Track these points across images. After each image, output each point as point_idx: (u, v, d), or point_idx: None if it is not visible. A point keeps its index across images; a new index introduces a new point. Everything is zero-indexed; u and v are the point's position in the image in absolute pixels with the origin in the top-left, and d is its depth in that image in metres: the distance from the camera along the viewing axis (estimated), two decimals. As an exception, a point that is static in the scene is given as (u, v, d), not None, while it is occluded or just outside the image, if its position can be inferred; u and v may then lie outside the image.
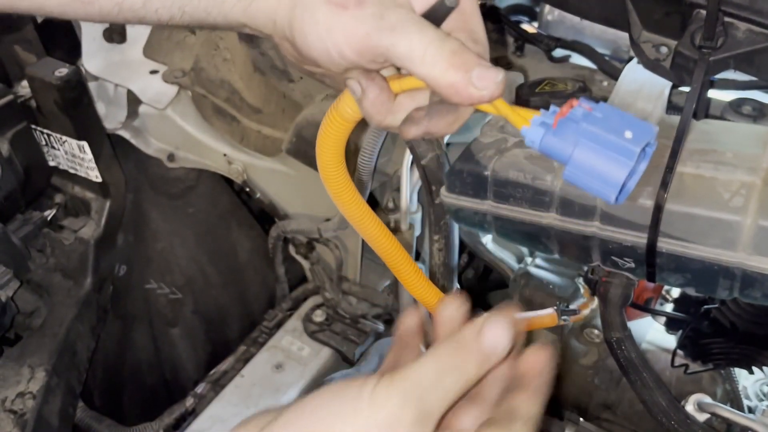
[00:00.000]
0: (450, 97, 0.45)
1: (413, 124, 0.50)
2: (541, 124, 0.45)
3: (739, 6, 0.74)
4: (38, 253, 1.17)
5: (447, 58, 0.44)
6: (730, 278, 0.76)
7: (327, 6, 0.45)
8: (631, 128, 0.42)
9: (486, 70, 0.44)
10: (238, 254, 1.42)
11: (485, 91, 0.44)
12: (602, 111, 0.44)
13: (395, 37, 0.44)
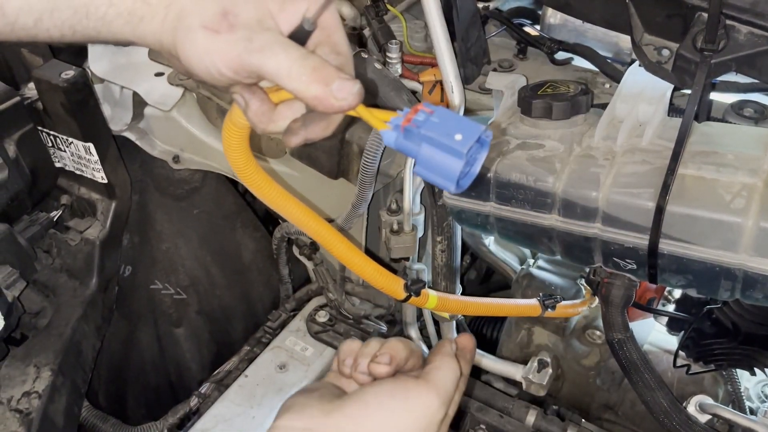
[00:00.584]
0: (315, 107, 0.51)
1: (292, 134, 0.57)
2: (395, 127, 0.52)
3: (741, 9, 0.74)
4: (44, 253, 1.18)
5: (309, 73, 0.50)
6: (732, 279, 0.77)
7: (203, 30, 0.50)
8: (462, 130, 0.49)
9: (344, 82, 0.50)
10: (243, 255, 1.43)
11: (344, 102, 0.50)
12: (439, 115, 0.50)
13: (264, 58, 0.50)
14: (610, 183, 0.80)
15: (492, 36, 1.12)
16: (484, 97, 1.02)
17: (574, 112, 0.87)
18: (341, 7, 1.16)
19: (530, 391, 1.07)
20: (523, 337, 1.19)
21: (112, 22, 0.51)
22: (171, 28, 0.51)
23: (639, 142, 0.83)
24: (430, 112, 0.51)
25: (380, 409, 0.53)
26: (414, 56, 1.07)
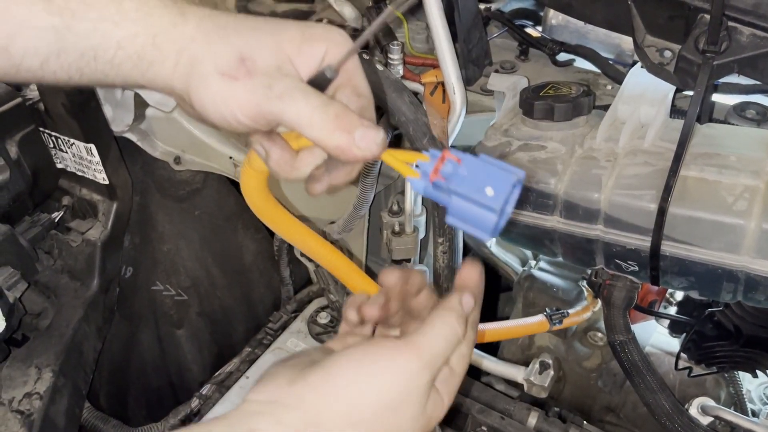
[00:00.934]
0: (337, 156, 0.49)
1: (316, 181, 0.55)
2: (423, 175, 0.50)
3: (743, 11, 0.74)
4: (46, 254, 1.18)
5: (331, 121, 0.48)
6: (734, 281, 0.76)
7: (220, 77, 0.49)
8: (493, 183, 0.47)
9: (367, 130, 0.49)
10: (244, 256, 1.43)
11: (367, 151, 0.49)
12: (468, 166, 0.48)
13: (284, 105, 0.48)
14: (612, 185, 0.80)
15: (494, 37, 1.12)
16: (485, 99, 1.02)
17: (575, 114, 0.87)
18: (343, 8, 1.16)
19: (532, 393, 1.06)
20: (524, 339, 1.18)
21: (121, 66, 0.50)
22: (183, 74, 0.50)
23: (641, 143, 0.83)
24: (458, 161, 0.48)
25: (346, 377, 0.47)
26: (415, 57, 1.07)
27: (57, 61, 0.49)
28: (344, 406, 0.46)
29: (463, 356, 0.52)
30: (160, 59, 0.49)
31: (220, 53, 0.50)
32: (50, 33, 0.48)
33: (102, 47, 0.49)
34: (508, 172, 0.48)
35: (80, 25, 0.48)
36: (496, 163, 0.48)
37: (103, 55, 0.49)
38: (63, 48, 0.49)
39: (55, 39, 0.48)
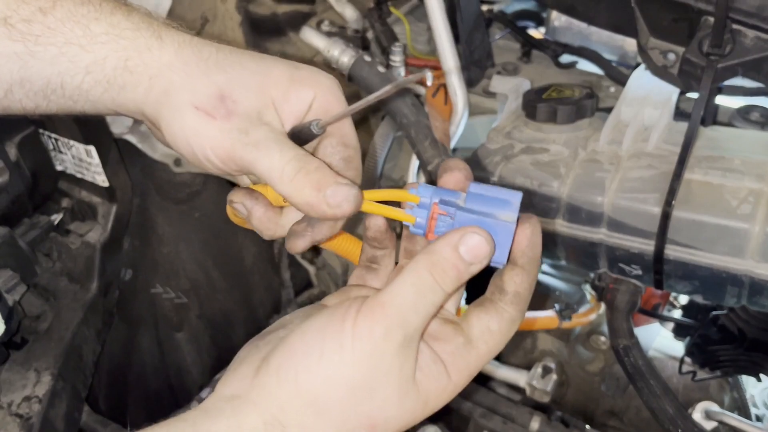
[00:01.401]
0: (308, 213, 0.46)
1: (298, 237, 0.51)
2: (418, 225, 0.46)
3: (747, 13, 0.74)
4: (45, 257, 1.17)
5: (302, 177, 0.45)
6: (738, 286, 0.76)
7: (195, 112, 0.46)
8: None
9: (339, 187, 0.45)
10: (244, 259, 1.42)
11: (338, 209, 0.45)
12: (461, 224, 0.44)
13: (258, 154, 0.46)
14: (616, 188, 0.79)
15: (496, 39, 1.12)
16: (487, 101, 1.02)
17: (579, 116, 0.87)
18: (344, 9, 1.15)
19: (534, 397, 1.06)
20: (527, 342, 1.18)
21: (90, 91, 0.47)
22: (155, 102, 0.47)
23: (645, 146, 0.82)
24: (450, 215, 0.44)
25: (305, 359, 0.41)
26: (417, 59, 1.07)
27: (21, 90, 0.46)
28: (307, 394, 0.40)
29: (490, 331, 0.44)
30: (132, 83, 0.47)
31: (198, 86, 0.47)
32: (13, 60, 0.45)
33: (69, 73, 0.46)
34: (509, 192, 0.44)
35: (45, 50, 0.45)
36: (492, 188, 0.45)
37: (70, 81, 0.46)
38: (27, 76, 0.46)
39: (18, 67, 0.45)
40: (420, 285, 0.41)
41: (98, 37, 0.46)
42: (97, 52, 0.46)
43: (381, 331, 0.40)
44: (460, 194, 0.45)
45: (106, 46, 0.46)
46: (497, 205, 0.44)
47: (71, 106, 0.48)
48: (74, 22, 0.46)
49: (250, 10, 1.12)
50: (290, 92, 0.49)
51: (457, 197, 0.45)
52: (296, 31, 1.13)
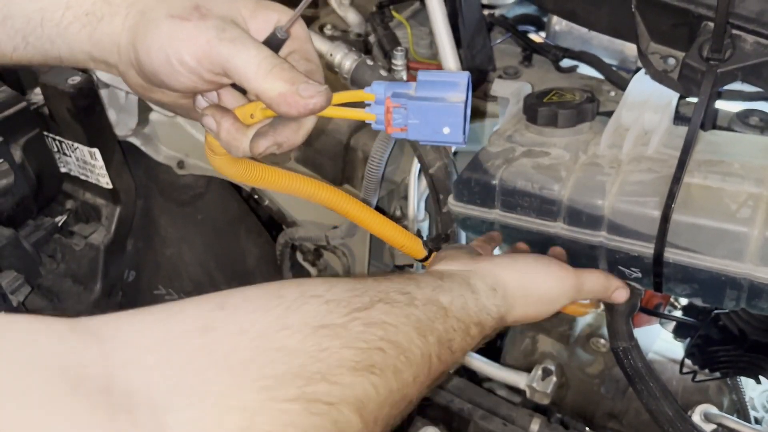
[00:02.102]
0: (281, 106, 0.48)
1: (261, 137, 0.54)
2: (378, 120, 0.50)
3: (747, 18, 0.74)
4: (49, 258, 1.18)
5: (277, 72, 0.48)
6: (737, 289, 0.76)
7: (170, 19, 0.48)
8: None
9: (311, 84, 0.49)
10: (246, 261, 1.43)
11: (310, 100, 0.48)
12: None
13: (235, 48, 0.48)
14: (616, 191, 0.80)
15: (497, 43, 1.12)
16: (489, 105, 1.02)
17: (579, 120, 0.87)
18: (347, 13, 1.16)
19: (534, 400, 1.06)
20: (527, 344, 1.18)
21: (68, 27, 0.49)
22: (132, 25, 0.49)
23: (645, 150, 0.83)
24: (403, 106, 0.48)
25: (525, 267, 0.62)
26: (419, 63, 1.08)
27: (3, 29, 0.48)
28: (523, 286, 0.60)
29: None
30: (110, 14, 0.49)
31: (174, 1, 0.49)
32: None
33: (50, 8, 0.48)
34: (456, 74, 0.48)
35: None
36: (441, 72, 0.49)
37: (50, 17, 0.48)
38: (9, 13, 0.48)
39: (2, 4, 0.48)
40: (600, 283, 0.76)
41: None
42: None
43: (571, 289, 0.69)
44: (411, 84, 0.48)
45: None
46: (446, 88, 0.46)
47: (48, 49, 0.50)
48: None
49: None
50: (258, 11, 0.52)
51: (408, 88, 0.47)
52: (299, 35, 1.14)
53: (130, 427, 0.28)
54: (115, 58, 0.50)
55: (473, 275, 0.57)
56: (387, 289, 0.45)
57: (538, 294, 0.62)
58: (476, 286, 0.56)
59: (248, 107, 0.54)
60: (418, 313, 0.45)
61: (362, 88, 0.51)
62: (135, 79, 0.52)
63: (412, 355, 0.42)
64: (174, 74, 0.49)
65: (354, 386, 0.35)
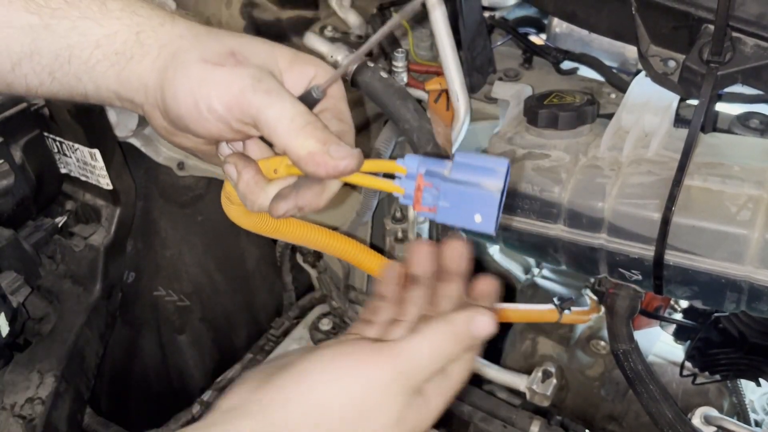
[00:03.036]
0: (308, 166, 0.46)
1: (281, 199, 0.51)
2: (407, 196, 0.47)
3: (747, 21, 0.74)
4: (49, 259, 1.18)
5: (310, 130, 0.45)
6: (737, 291, 0.76)
7: (202, 63, 0.46)
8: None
9: (343, 145, 0.46)
10: (246, 262, 1.43)
11: (341, 162, 0.45)
12: (446, 196, 0.44)
13: (269, 100, 0.45)
14: (616, 194, 0.80)
15: (498, 45, 1.12)
16: (489, 106, 1.02)
17: (579, 122, 0.87)
18: (347, 15, 1.16)
19: (534, 402, 1.06)
20: (527, 346, 1.18)
21: (96, 66, 0.47)
22: (161, 66, 0.47)
23: (645, 152, 0.83)
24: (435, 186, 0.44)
25: (312, 380, 0.43)
26: (420, 65, 1.08)
27: (29, 64, 0.47)
28: (309, 409, 0.42)
29: (465, 361, 0.48)
30: (140, 54, 0.47)
31: (208, 45, 0.47)
32: (26, 32, 0.46)
33: (79, 46, 0.46)
34: (495, 160, 0.44)
35: (59, 23, 0.46)
36: (478, 156, 0.45)
37: (79, 54, 0.47)
38: (38, 48, 0.46)
39: (31, 39, 0.46)
40: (437, 348, 0.45)
41: (113, 12, 0.47)
42: (109, 26, 0.47)
43: (394, 373, 0.44)
44: (446, 163, 0.45)
45: (119, 21, 0.47)
46: (483, 174, 0.44)
47: (74, 85, 0.48)
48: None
49: (254, 16, 1.13)
50: (295, 65, 0.50)
51: (443, 167, 0.45)
52: (300, 37, 1.14)
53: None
54: (141, 98, 0.49)
55: (223, 421, 0.43)
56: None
57: (340, 416, 0.43)
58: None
59: (273, 161, 0.51)
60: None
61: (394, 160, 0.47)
62: (159, 121, 0.50)
63: None
64: (200, 120, 0.47)
65: None
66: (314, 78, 0.51)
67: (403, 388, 0.44)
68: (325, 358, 0.45)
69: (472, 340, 0.47)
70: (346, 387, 0.43)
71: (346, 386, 0.43)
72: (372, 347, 0.45)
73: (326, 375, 0.44)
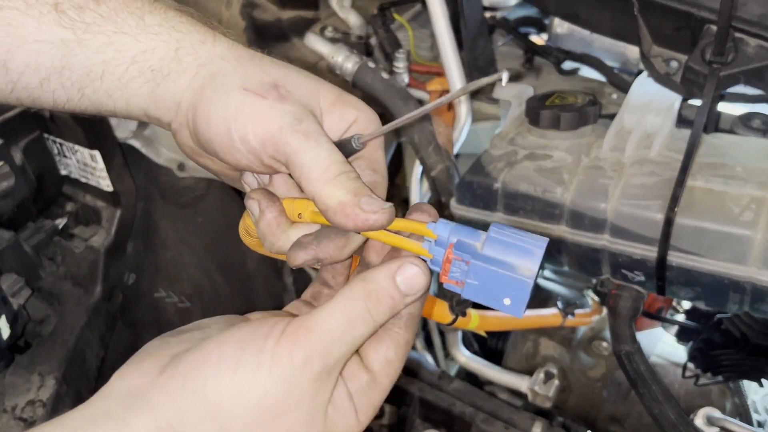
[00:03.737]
0: (337, 216, 0.43)
1: (301, 248, 0.47)
2: (434, 262, 0.44)
3: (750, 22, 0.74)
4: (49, 261, 1.17)
5: (342, 180, 0.43)
6: (740, 292, 0.76)
7: (243, 91, 0.44)
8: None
9: (374, 199, 0.43)
10: (247, 263, 1.43)
11: (372, 216, 0.42)
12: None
13: (307, 143, 0.43)
14: (619, 194, 0.79)
15: (499, 45, 1.12)
16: (491, 107, 1.02)
17: (581, 123, 0.87)
18: (348, 15, 1.16)
19: (536, 403, 1.06)
20: (529, 348, 1.18)
21: (130, 82, 0.45)
22: (199, 86, 0.44)
23: (647, 153, 0.83)
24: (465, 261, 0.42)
25: (221, 366, 0.38)
26: (421, 65, 1.07)
27: (59, 79, 0.44)
28: (212, 405, 0.38)
29: (389, 362, 0.42)
30: (177, 71, 0.45)
31: (250, 72, 0.44)
32: (57, 47, 0.43)
33: (114, 62, 0.44)
34: (533, 239, 0.41)
35: (93, 38, 0.44)
36: (515, 233, 0.41)
37: (113, 71, 0.44)
38: (68, 64, 0.44)
39: (62, 54, 0.44)
40: (351, 314, 0.40)
41: (151, 28, 0.45)
42: (147, 42, 0.44)
43: (301, 357, 0.38)
44: (480, 235, 0.42)
45: (158, 37, 0.45)
46: (518, 254, 0.40)
47: (104, 102, 0.46)
48: (128, 12, 0.45)
49: (255, 16, 1.12)
50: (337, 106, 0.47)
51: (476, 239, 0.42)
52: (300, 37, 1.13)
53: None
54: (171, 115, 0.46)
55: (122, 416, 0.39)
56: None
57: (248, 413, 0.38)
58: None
59: (298, 204, 0.48)
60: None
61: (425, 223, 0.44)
62: (186, 140, 0.48)
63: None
64: (231, 149, 0.44)
65: None
66: (355, 122, 0.48)
67: (320, 368, 0.38)
68: (231, 344, 0.39)
69: (397, 299, 0.41)
70: (257, 378, 0.38)
71: (255, 377, 0.38)
72: (278, 328, 0.39)
73: (231, 367, 0.38)
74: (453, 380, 1.09)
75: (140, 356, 0.43)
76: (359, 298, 0.40)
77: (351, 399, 0.41)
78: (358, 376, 0.42)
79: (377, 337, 0.43)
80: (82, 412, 0.39)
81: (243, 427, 0.38)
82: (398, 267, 0.41)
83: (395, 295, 0.41)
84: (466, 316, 0.92)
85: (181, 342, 0.42)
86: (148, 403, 0.38)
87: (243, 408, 0.38)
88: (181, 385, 0.38)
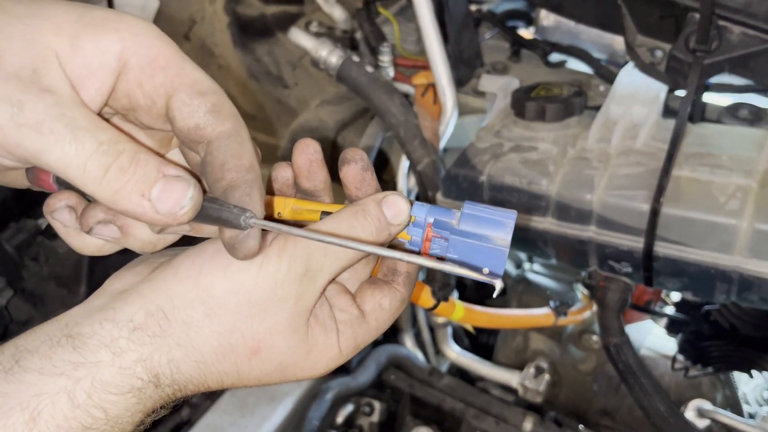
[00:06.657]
0: (139, 220, 0.36)
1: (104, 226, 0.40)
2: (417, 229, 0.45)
3: (733, 9, 0.74)
4: (32, 261, 1.16)
5: (114, 177, 0.33)
6: (727, 282, 0.76)
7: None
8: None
9: (170, 184, 0.34)
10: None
11: (171, 218, 0.34)
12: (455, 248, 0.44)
13: (41, 142, 0.31)
14: (605, 185, 0.79)
15: (485, 39, 1.11)
16: (477, 100, 1.01)
17: (567, 114, 0.87)
18: (332, 10, 1.15)
19: (527, 398, 1.05)
20: (519, 342, 1.17)
21: None
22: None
23: (633, 143, 0.82)
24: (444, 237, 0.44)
25: (215, 260, 0.37)
26: (406, 59, 1.07)
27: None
28: (204, 290, 0.37)
29: (381, 308, 0.43)
30: None
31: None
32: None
33: None
34: (503, 212, 0.44)
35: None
36: (486, 208, 0.44)
37: None
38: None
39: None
40: (337, 228, 0.40)
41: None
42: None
43: (287, 259, 0.38)
44: (454, 213, 0.44)
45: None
46: (492, 227, 0.44)
47: None
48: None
49: (238, 12, 1.11)
50: (82, 38, 0.34)
51: (451, 217, 0.44)
52: (284, 32, 1.12)
53: None
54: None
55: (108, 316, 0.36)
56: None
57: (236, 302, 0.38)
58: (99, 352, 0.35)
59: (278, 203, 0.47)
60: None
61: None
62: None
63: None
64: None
65: None
66: (123, 52, 0.35)
67: (303, 271, 0.38)
68: (223, 248, 0.37)
69: (383, 222, 0.41)
70: (247, 273, 0.37)
71: (246, 272, 0.37)
72: (268, 240, 0.38)
73: (226, 261, 0.37)
74: (443, 376, 1.08)
75: (135, 262, 0.42)
76: (346, 216, 0.40)
77: (334, 321, 0.41)
78: (348, 309, 0.42)
79: (374, 284, 0.44)
80: (76, 309, 0.38)
81: (230, 316, 0.38)
82: (383, 197, 0.41)
83: (381, 218, 0.41)
84: (448, 302, 0.91)
85: (175, 253, 0.41)
86: (139, 293, 0.38)
87: (233, 296, 0.38)
88: (173, 274, 0.38)
